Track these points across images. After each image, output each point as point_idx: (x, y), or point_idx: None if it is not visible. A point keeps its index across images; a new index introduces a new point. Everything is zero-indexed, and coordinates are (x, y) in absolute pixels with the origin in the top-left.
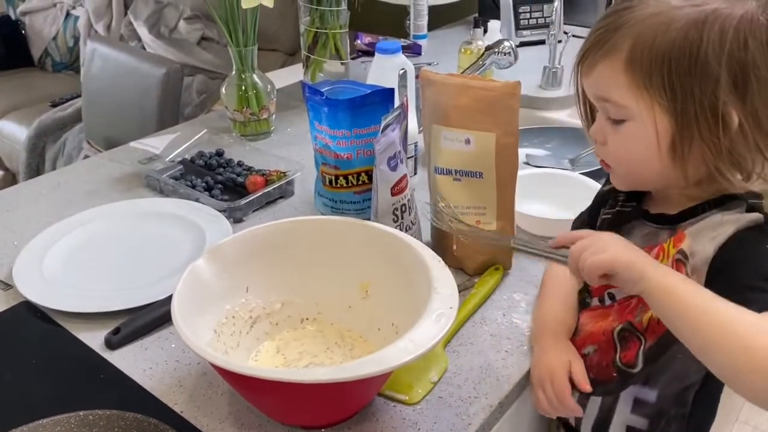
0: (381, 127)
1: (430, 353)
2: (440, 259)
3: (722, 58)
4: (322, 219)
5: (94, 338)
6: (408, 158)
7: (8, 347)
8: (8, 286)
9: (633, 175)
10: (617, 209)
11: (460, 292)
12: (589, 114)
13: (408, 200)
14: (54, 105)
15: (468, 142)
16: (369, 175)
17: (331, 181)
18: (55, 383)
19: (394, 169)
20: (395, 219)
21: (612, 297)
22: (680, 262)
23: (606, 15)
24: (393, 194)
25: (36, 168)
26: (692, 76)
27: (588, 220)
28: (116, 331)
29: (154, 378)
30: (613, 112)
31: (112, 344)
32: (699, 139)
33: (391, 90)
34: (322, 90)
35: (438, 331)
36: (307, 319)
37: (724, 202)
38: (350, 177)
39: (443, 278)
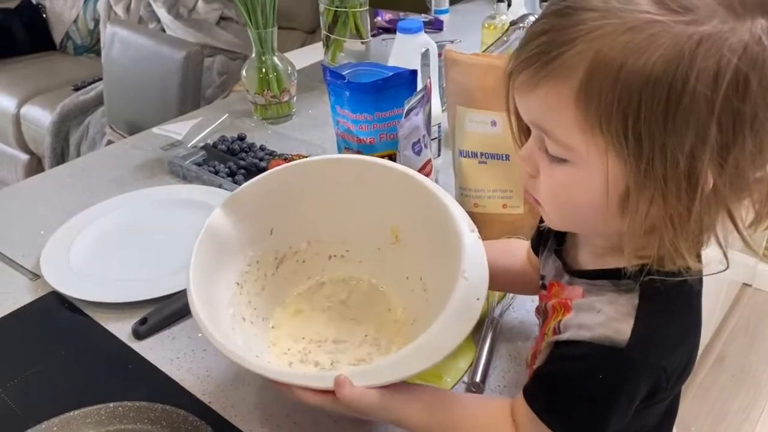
0: (404, 111)
1: None
2: (475, 228)
3: (715, 106)
4: (351, 158)
5: (121, 328)
6: (432, 140)
7: (38, 338)
8: (36, 276)
9: (569, 218)
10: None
11: None
12: (523, 130)
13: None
14: (76, 89)
15: (494, 124)
16: (392, 159)
17: None
18: (84, 374)
19: (418, 153)
20: None
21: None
22: (554, 331)
23: (555, 11)
24: None
25: (60, 152)
26: (668, 127)
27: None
28: (143, 321)
29: (182, 368)
30: (553, 148)
31: (139, 334)
32: (661, 203)
33: (414, 72)
34: (344, 73)
35: (459, 333)
36: (334, 256)
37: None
38: None
39: (474, 257)
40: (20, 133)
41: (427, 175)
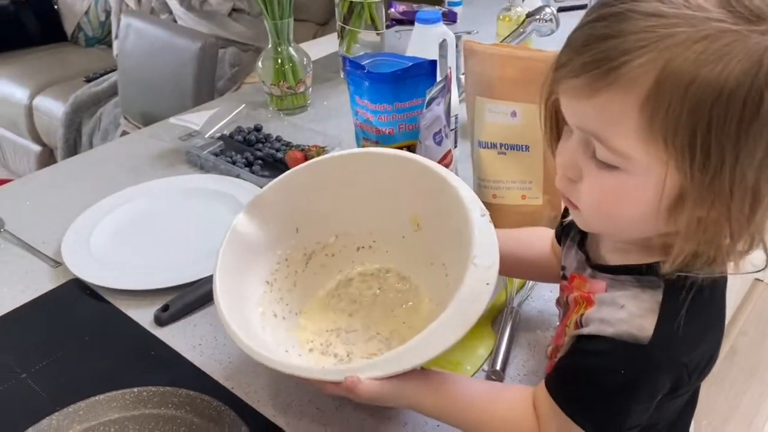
0: (426, 101)
1: (476, 327)
2: (486, 212)
3: None
4: (366, 151)
5: (143, 315)
6: (450, 131)
7: (61, 324)
8: (57, 263)
9: (609, 223)
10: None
11: None
12: (554, 128)
13: None
14: (88, 80)
15: (514, 114)
16: (411, 150)
17: None
18: (107, 359)
19: (439, 143)
20: None
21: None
22: (576, 325)
23: (616, 14)
24: None
25: (73, 143)
26: (740, 142)
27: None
28: (165, 308)
29: (204, 354)
30: (604, 155)
31: (161, 321)
32: (723, 216)
33: (434, 62)
34: (363, 63)
35: (465, 321)
36: (362, 247)
37: (654, 270)
38: None
39: (485, 242)
40: (33, 124)
41: (447, 165)
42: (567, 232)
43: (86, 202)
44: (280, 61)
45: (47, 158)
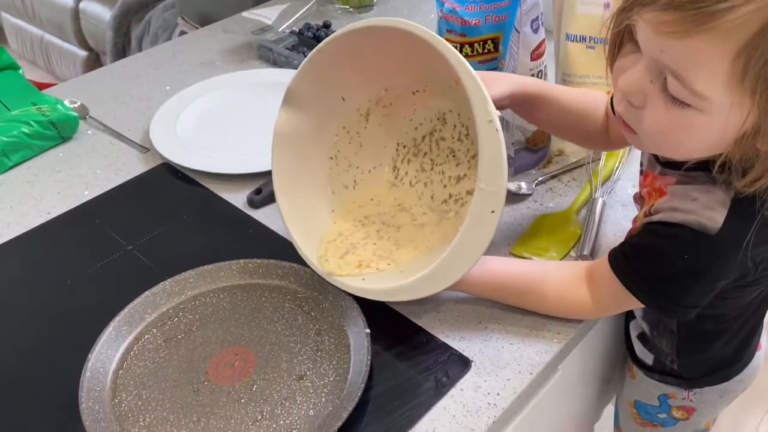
0: None
1: (562, 217)
2: (494, 116)
3: None
4: (383, 23)
5: (236, 198)
6: None
7: (157, 204)
8: (146, 149)
9: (669, 150)
10: None
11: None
12: (617, 44)
13: (545, 66)
14: None
15: (607, 6)
16: (495, 43)
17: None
18: (207, 235)
19: (536, 31)
20: None
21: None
22: (645, 214)
23: None
24: (533, 59)
25: (122, 47)
26: None
27: None
28: (258, 191)
29: None
30: (679, 92)
31: (255, 203)
32: None
33: None
34: None
35: (469, 260)
36: (417, 91)
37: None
38: (476, 45)
39: (491, 157)
40: (79, 28)
41: (541, 55)
42: None
43: (165, 93)
44: None
45: (93, 63)
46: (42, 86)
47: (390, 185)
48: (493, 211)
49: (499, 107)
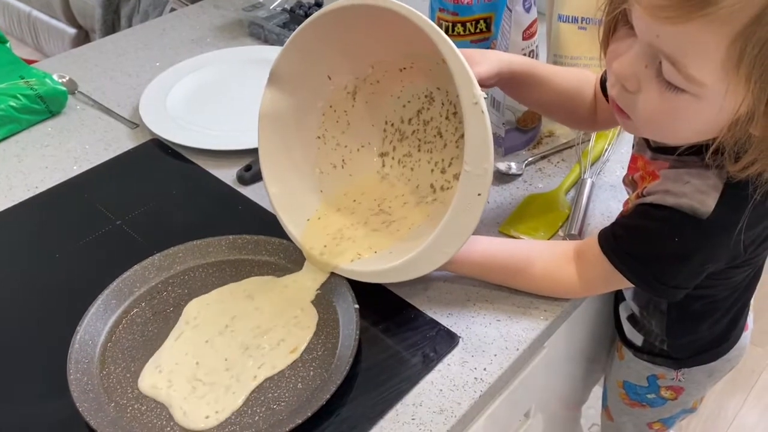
0: None
1: (551, 197)
2: (480, 97)
3: None
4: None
5: (225, 174)
6: None
7: (146, 180)
8: (135, 124)
9: (658, 135)
10: None
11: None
12: (611, 28)
13: (536, 47)
14: None
15: None
16: (487, 22)
17: (447, 29)
18: (196, 212)
19: (528, 10)
20: None
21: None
22: (637, 196)
23: None
24: (524, 38)
25: (111, 25)
26: None
27: None
28: (248, 167)
29: None
30: (674, 77)
31: (245, 180)
32: None
33: None
34: None
35: (457, 242)
36: (405, 68)
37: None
38: (468, 24)
39: (477, 139)
40: (68, 5)
41: (533, 35)
42: None
43: (154, 69)
44: None
45: (82, 41)
46: (30, 63)
47: (378, 175)
48: (479, 194)
49: (485, 86)
